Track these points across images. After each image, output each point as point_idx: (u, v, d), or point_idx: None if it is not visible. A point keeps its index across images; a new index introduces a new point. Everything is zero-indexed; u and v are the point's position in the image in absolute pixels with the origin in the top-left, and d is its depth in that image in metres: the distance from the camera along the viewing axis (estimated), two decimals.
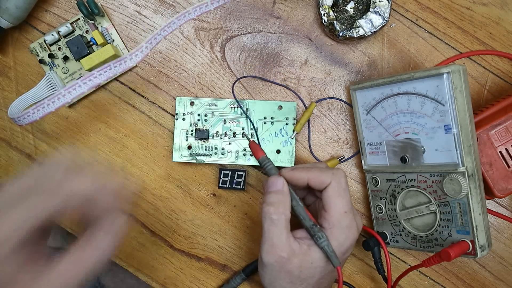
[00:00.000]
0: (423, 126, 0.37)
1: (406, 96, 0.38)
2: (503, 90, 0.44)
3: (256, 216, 0.45)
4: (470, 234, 0.36)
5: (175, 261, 0.45)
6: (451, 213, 0.37)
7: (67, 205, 0.28)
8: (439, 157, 0.36)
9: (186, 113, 0.44)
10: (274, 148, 0.43)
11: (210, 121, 0.44)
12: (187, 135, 0.44)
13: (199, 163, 0.44)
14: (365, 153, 0.42)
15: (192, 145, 0.44)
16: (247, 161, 0.43)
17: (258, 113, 0.44)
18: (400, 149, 0.39)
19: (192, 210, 0.45)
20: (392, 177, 0.40)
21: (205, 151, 0.44)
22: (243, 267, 0.44)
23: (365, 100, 0.41)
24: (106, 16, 0.44)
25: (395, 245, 0.42)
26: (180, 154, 0.44)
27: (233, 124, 0.44)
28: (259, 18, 0.45)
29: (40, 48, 0.44)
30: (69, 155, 0.30)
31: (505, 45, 0.44)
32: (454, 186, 0.35)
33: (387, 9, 0.41)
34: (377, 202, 0.42)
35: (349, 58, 0.45)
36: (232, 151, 0.44)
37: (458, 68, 0.35)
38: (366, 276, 0.45)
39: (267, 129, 0.44)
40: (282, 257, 0.33)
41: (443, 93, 0.35)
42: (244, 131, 0.43)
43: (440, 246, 0.38)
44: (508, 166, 0.39)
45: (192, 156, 0.43)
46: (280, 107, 0.44)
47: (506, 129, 0.39)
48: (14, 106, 0.39)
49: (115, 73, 0.39)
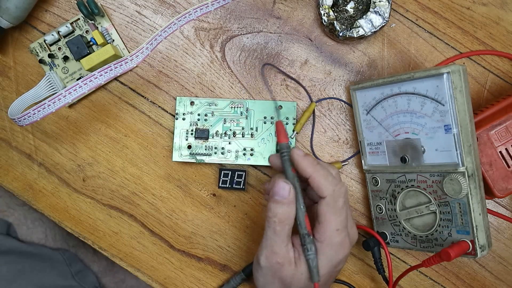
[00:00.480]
0: (423, 126, 0.37)
1: (406, 96, 0.38)
2: (503, 90, 0.44)
3: (256, 216, 0.45)
4: (470, 234, 0.36)
5: (175, 261, 0.45)
6: (451, 213, 0.37)
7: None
8: (439, 157, 0.36)
9: (186, 112, 0.44)
10: (273, 148, 0.43)
11: (210, 120, 0.44)
12: (187, 135, 0.44)
13: (199, 163, 0.44)
14: (365, 153, 0.42)
15: (192, 145, 0.44)
16: (247, 160, 0.43)
17: (258, 113, 0.44)
18: (400, 149, 0.39)
19: (192, 210, 0.45)
20: (392, 177, 0.40)
21: (205, 150, 0.44)
22: (243, 267, 0.44)
23: (365, 100, 0.41)
24: (106, 16, 0.44)
25: (395, 245, 0.42)
26: (180, 154, 0.44)
27: (233, 124, 0.44)
28: (259, 18, 0.45)
29: (40, 48, 0.44)
30: None
31: (505, 45, 0.44)
32: (454, 186, 0.35)
33: (387, 9, 0.41)
34: (377, 202, 0.42)
35: (349, 58, 0.45)
36: (232, 151, 0.44)
37: (458, 68, 0.35)
38: (366, 276, 0.45)
39: (267, 129, 0.44)
40: (279, 263, 0.33)
41: (443, 93, 0.35)
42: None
43: (440, 246, 0.38)
44: (508, 166, 0.39)
45: (192, 156, 0.43)
46: (280, 107, 0.44)
47: (506, 129, 0.39)
48: (14, 106, 0.39)
49: (115, 74, 0.39)
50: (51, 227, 0.55)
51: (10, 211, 0.53)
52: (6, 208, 0.53)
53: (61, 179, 0.45)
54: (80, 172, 0.45)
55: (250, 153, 0.44)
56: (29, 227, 0.53)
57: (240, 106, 0.44)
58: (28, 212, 0.54)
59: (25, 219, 0.54)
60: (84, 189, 0.45)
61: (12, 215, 0.53)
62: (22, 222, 0.53)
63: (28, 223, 0.54)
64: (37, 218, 0.54)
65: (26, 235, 0.53)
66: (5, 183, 0.46)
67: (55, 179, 0.45)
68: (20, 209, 0.53)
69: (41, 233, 0.54)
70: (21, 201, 0.53)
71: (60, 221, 0.46)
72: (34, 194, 0.46)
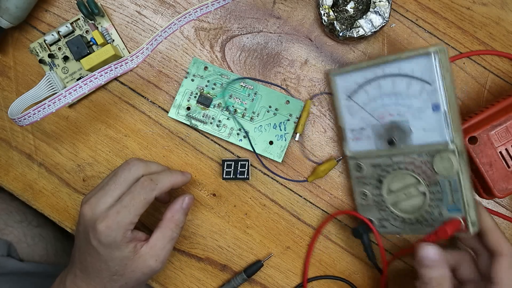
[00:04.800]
0: (409, 107, 0.37)
1: (391, 78, 0.37)
2: (503, 90, 0.44)
3: (256, 216, 0.45)
4: (462, 211, 0.36)
5: (175, 261, 0.45)
6: (441, 192, 0.37)
7: (161, 193, 0.37)
8: (428, 137, 0.36)
9: (197, 75, 0.44)
10: (267, 138, 0.43)
11: (216, 90, 0.44)
12: (190, 97, 0.44)
13: (193, 127, 0.44)
14: (347, 139, 0.42)
15: (191, 107, 0.44)
16: (238, 141, 0.43)
17: (265, 100, 0.44)
18: (386, 132, 0.39)
19: (192, 210, 0.45)
20: (377, 161, 0.40)
21: (202, 117, 0.44)
22: (245, 267, 0.44)
23: (346, 85, 0.40)
24: (106, 16, 0.44)
25: (383, 230, 0.41)
26: (177, 112, 0.44)
27: (237, 101, 0.44)
28: (259, 18, 0.45)
29: (40, 48, 0.44)
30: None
31: (505, 45, 0.44)
32: (445, 164, 0.35)
33: (387, 9, 0.41)
34: (361, 188, 0.42)
35: (349, 58, 0.45)
36: (227, 127, 0.44)
37: (443, 48, 0.35)
38: (366, 276, 0.45)
39: (268, 118, 0.44)
40: None
41: (430, 72, 0.35)
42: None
43: (430, 227, 0.38)
44: (508, 166, 0.39)
45: (187, 118, 0.43)
46: (287, 102, 0.44)
47: (506, 130, 0.39)
48: (14, 106, 0.39)
49: (116, 74, 0.39)
50: (52, 243, 0.55)
51: (8, 229, 0.52)
52: (5, 226, 0.52)
53: (61, 179, 0.45)
54: (80, 172, 0.45)
55: (244, 135, 0.44)
56: (29, 244, 0.52)
57: (251, 88, 0.44)
58: (27, 228, 0.53)
59: (24, 236, 0.52)
60: (84, 189, 0.45)
61: (11, 233, 0.52)
62: (21, 240, 0.52)
63: (28, 240, 0.52)
64: (37, 234, 0.53)
65: (27, 253, 0.52)
66: (5, 183, 0.46)
67: (55, 179, 0.45)
68: (18, 226, 0.52)
69: (42, 250, 0.53)
70: (19, 217, 0.53)
71: (60, 221, 0.46)
72: (34, 194, 0.46)
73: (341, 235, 0.45)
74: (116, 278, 0.36)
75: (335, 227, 0.45)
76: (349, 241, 0.45)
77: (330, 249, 0.45)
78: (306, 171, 0.45)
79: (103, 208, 0.35)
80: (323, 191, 0.45)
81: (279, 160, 0.43)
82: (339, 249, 0.45)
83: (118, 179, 0.36)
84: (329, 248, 0.45)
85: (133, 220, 0.35)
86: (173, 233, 0.37)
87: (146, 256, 0.36)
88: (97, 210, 0.35)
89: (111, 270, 0.35)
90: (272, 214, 0.45)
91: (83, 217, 0.36)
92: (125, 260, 0.35)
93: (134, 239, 0.36)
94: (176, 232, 0.38)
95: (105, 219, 0.34)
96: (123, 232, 0.35)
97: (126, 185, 0.36)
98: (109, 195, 0.36)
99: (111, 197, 0.36)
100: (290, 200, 0.45)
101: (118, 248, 0.35)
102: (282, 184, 0.45)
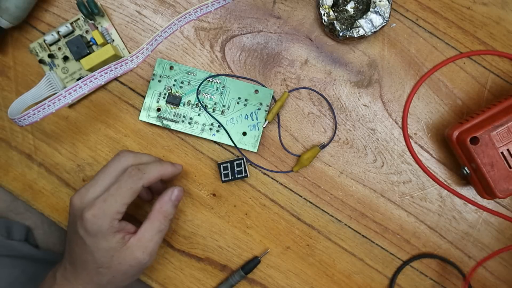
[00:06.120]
0: None
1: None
2: (504, 90, 0.44)
3: (256, 216, 0.45)
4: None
5: (175, 261, 0.45)
6: None
7: (148, 182, 0.37)
8: None
9: (164, 76, 0.44)
10: (241, 130, 0.44)
11: (185, 89, 0.44)
12: (159, 97, 0.44)
13: (165, 128, 0.44)
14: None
15: (161, 108, 0.44)
16: (212, 136, 0.44)
17: (234, 92, 0.44)
18: None
19: (192, 210, 0.45)
20: None
21: (173, 117, 0.44)
22: (242, 265, 0.44)
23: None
24: (106, 16, 0.44)
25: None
26: (148, 114, 0.44)
27: (206, 97, 0.44)
28: (259, 18, 0.45)
29: (40, 48, 0.44)
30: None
31: (506, 45, 0.44)
32: None
33: (387, 9, 0.41)
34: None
35: (349, 58, 0.44)
36: (199, 123, 0.44)
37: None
38: (366, 276, 0.45)
39: (239, 110, 0.44)
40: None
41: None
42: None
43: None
44: (509, 166, 0.39)
45: (159, 119, 0.44)
46: (256, 91, 0.44)
47: (508, 130, 0.39)
48: (14, 106, 0.39)
49: (116, 75, 0.39)
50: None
51: (27, 214, 0.53)
52: (24, 210, 0.52)
53: (61, 179, 0.45)
54: (80, 172, 0.45)
55: (217, 130, 0.44)
56: (45, 231, 0.53)
57: (218, 82, 0.44)
58: (45, 216, 0.54)
59: (41, 223, 0.53)
60: None
61: (29, 218, 0.52)
62: (38, 226, 0.53)
63: (44, 227, 0.53)
64: (54, 222, 0.55)
65: (42, 240, 0.53)
66: (4, 183, 0.46)
67: (55, 179, 0.45)
68: (37, 212, 0.53)
69: (57, 238, 0.54)
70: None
71: (60, 221, 0.46)
72: (34, 194, 0.46)
73: (341, 235, 0.45)
74: (102, 271, 0.36)
75: (335, 227, 0.45)
76: (349, 241, 0.45)
77: (330, 249, 0.45)
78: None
79: (91, 198, 0.35)
80: (323, 191, 0.45)
81: (255, 150, 0.43)
82: (339, 249, 0.45)
83: (108, 170, 0.37)
84: (329, 248, 0.45)
85: (120, 209, 0.35)
86: (161, 225, 0.37)
87: (133, 248, 0.36)
88: (85, 199, 0.35)
89: (97, 262, 0.35)
90: (272, 214, 0.45)
91: (72, 207, 0.36)
92: (112, 251, 0.35)
93: (122, 230, 0.36)
94: (164, 224, 0.38)
95: (92, 207, 0.35)
96: (110, 221, 0.35)
97: (115, 175, 0.37)
98: (98, 185, 0.36)
99: (100, 186, 0.36)
100: (290, 200, 0.45)
101: (104, 238, 0.35)
102: (282, 184, 0.45)
